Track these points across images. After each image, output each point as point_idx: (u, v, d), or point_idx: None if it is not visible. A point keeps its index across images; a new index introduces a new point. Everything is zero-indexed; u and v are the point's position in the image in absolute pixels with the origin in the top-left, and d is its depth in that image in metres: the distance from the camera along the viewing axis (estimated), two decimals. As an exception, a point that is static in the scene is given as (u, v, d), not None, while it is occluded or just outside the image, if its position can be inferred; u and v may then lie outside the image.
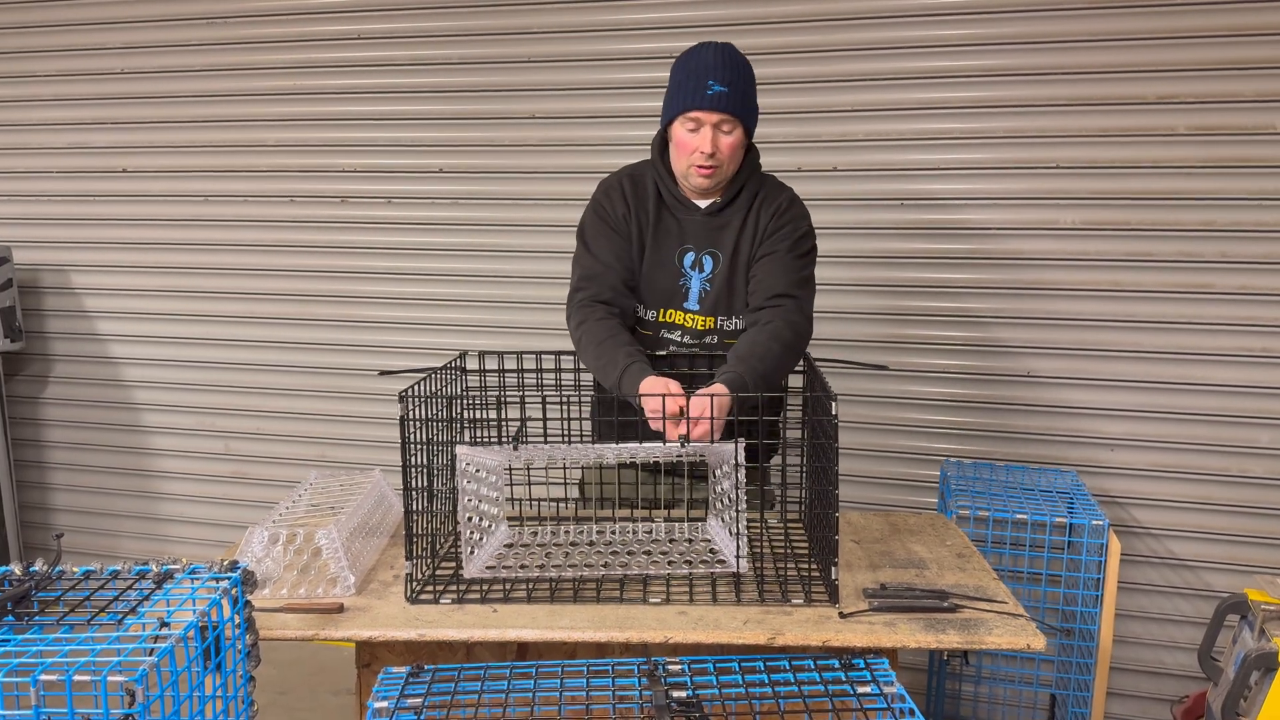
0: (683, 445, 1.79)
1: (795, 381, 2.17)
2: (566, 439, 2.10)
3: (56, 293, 3.89)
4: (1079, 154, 2.92)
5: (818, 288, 2.17)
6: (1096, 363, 2.99)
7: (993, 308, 3.04)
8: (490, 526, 2.03)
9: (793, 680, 1.33)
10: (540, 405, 2.09)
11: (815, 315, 2.10)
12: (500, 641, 1.69)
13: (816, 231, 2.18)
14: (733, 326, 2.16)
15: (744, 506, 1.80)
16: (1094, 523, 2.55)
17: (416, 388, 1.86)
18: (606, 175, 2.26)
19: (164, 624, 1.19)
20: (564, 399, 2.12)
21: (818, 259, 2.20)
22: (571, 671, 1.35)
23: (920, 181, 3.04)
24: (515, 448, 1.97)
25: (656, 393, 1.84)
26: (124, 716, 1.08)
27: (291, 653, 3.55)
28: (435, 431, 1.88)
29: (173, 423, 3.85)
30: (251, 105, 3.58)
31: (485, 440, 2.17)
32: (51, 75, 3.75)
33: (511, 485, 2.17)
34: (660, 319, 2.19)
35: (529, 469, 2.19)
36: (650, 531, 2.10)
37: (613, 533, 2.10)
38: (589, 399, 2.21)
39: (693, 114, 2.05)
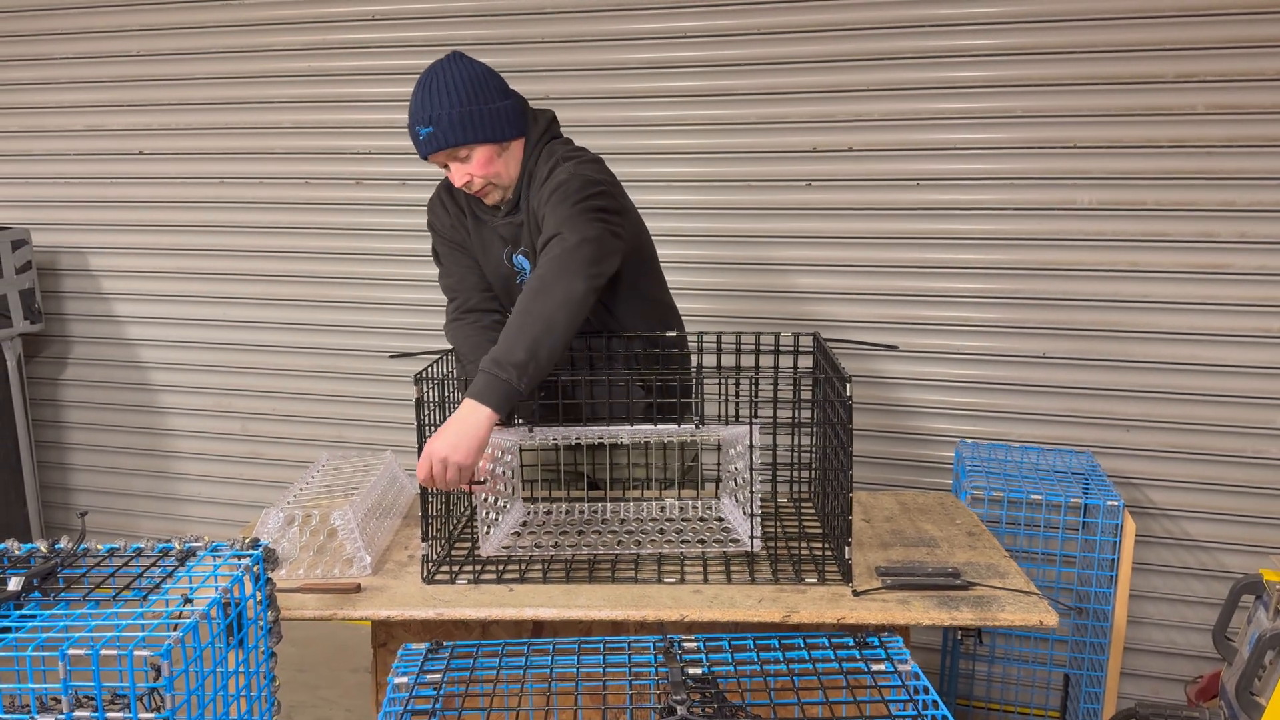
0: (697, 427, 1.79)
1: (805, 362, 2.17)
2: (581, 418, 2.11)
3: (74, 275, 3.92)
4: (1096, 133, 2.89)
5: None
6: (1112, 344, 2.97)
7: (1008, 288, 3.03)
8: (505, 506, 2.04)
9: (807, 658, 1.34)
10: (554, 385, 2.10)
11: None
12: (517, 620, 1.70)
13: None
14: None
15: (759, 486, 1.81)
16: (1109, 503, 2.55)
17: (431, 369, 1.87)
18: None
19: (187, 600, 1.22)
20: (578, 378, 2.13)
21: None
22: (588, 648, 1.37)
23: (936, 161, 3.03)
24: (530, 428, 1.98)
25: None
26: (150, 690, 1.10)
27: (310, 631, 3.58)
28: (450, 413, 1.90)
29: (189, 404, 3.88)
30: (267, 87, 3.58)
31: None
32: (68, 57, 3.76)
33: (522, 465, 2.18)
34: None
35: (541, 449, 2.20)
36: (664, 509, 2.11)
37: (627, 511, 2.11)
38: (603, 379, 2.22)
39: (429, 161, 2.07)
